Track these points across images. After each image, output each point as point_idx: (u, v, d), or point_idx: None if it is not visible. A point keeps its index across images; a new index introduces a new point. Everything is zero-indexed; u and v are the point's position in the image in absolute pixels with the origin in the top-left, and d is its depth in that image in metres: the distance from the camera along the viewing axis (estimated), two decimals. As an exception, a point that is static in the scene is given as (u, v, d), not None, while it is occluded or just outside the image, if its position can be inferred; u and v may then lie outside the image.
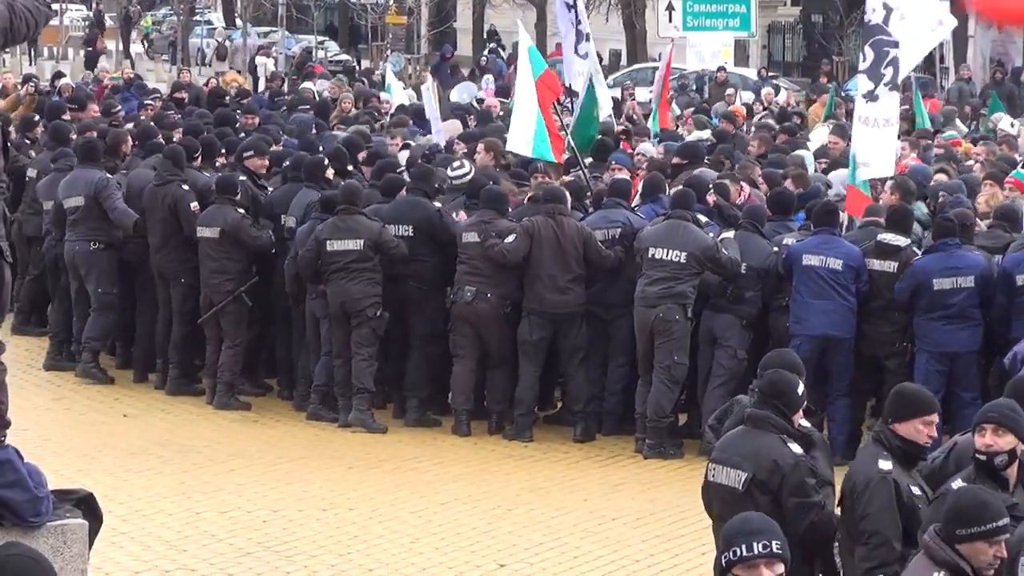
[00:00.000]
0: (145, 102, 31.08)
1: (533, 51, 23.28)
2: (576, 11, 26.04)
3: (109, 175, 19.81)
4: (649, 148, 22.79)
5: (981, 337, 16.27)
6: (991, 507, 8.77)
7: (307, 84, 41.54)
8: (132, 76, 43.68)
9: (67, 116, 25.17)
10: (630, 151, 23.50)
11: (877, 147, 19.41)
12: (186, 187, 18.95)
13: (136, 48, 73.19)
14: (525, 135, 21.27)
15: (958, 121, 30.95)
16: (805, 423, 11.48)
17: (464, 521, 15.21)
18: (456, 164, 20.49)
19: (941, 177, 20.78)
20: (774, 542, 7.90)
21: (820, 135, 26.04)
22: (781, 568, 7.77)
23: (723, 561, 7.93)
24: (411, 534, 14.75)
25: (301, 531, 14.76)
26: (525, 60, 22.43)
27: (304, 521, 15.01)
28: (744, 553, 7.88)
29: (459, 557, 14.15)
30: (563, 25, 26.33)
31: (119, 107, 29.02)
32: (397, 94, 34.27)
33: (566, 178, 20.52)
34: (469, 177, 19.74)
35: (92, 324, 19.61)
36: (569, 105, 24.03)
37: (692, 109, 33.07)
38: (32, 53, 58.72)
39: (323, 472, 16.62)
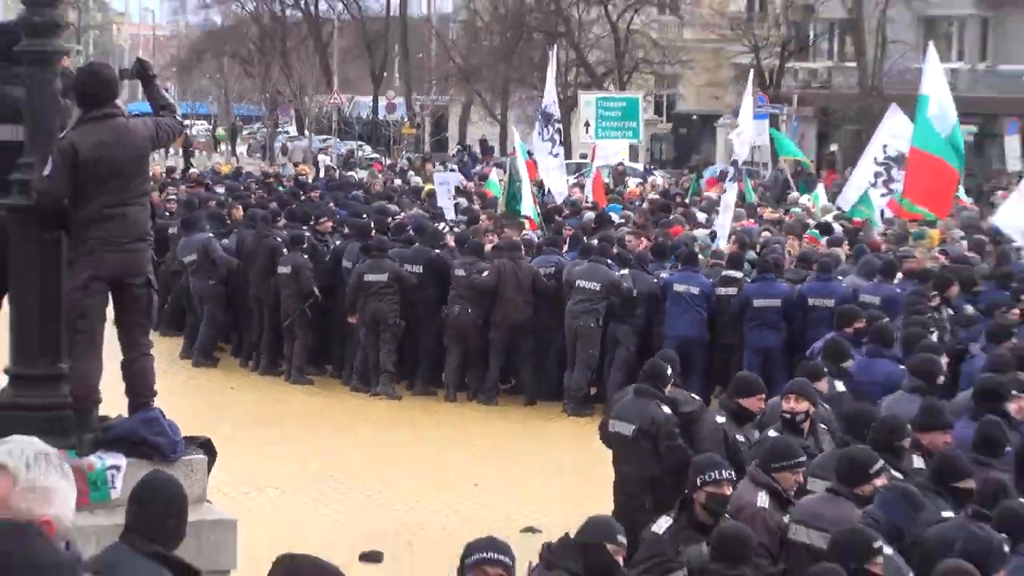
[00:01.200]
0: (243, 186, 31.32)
1: (522, 146, 24.18)
2: (553, 127, 26.37)
3: (211, 235, 19.89)
4: (592, 215, 22.95)
5: (784, 339, 16.23)
6: (794, 448, 8.94)
7: (350, 173, 41.73)
8: (240, 168, 43.92)
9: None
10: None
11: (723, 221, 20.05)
12: (279, 240, 18.98)
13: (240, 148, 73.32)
14: (528, 205, 21.96)
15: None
16: (696, 396, 11.94)
17: (450, 456, 15.29)
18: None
19: (766, 234, 21.00)
20: (729, 471, 8.31)
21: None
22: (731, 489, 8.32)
23: (699, 481, 8.23)
24: (415, 464, 14.83)
25: (348, 462, 14.85)
26: (518, 152, 22.96)
27: (349, 456, 15.09)
28: (717, 476, 8.19)
29: (446, 479, 14.26)
30: (538, 136, 26.69)
31: (241, 188, 29.39)
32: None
33: (525, 233, 20.70)
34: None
35: (201, 336, 19.68)
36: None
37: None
38: (167, 152, 58.53)
39: (361, 424, 16.65)
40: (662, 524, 8.23)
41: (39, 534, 3.29)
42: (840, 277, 16.56)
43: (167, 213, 23.24)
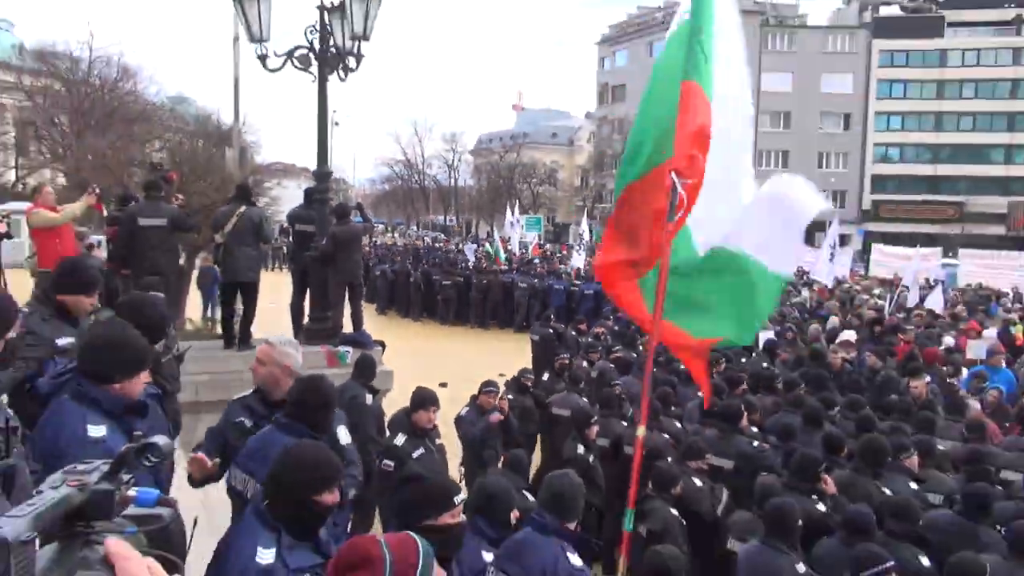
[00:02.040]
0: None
1: (497, 234, 23.15)
2: (515, 227, 25.35)
3: (386, 265, 19.10)
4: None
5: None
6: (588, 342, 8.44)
7: (438, 243, 40.40)
8: (395, 241, 42.59)
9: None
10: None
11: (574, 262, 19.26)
12: (409, 268, 18.41)
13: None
14: (502, 256, 20.51)
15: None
16: (561, 325, 11.04)
17: (476, 346, 14.65)
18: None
19: (587, 265, 20.12)
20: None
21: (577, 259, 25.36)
22: None
23: (556, 356, 7.44)
24: (461, 348, 14.17)
25: (433, 350, 14.15)
26: (497, 236, 22.43)
27: (433, 350, 14.46)
28: (565, 356, 7.65)
29: (473, 356, 13.34)
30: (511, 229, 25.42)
31: (394, 247, 28.14)
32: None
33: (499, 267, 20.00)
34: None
35: (380, 304, 18.62)
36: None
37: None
38: (368, 236, 56.12)
39: (440, 336, 15.97)
40: (546, 376, 7.89)
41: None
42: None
43: (369, 254, 22.80)
